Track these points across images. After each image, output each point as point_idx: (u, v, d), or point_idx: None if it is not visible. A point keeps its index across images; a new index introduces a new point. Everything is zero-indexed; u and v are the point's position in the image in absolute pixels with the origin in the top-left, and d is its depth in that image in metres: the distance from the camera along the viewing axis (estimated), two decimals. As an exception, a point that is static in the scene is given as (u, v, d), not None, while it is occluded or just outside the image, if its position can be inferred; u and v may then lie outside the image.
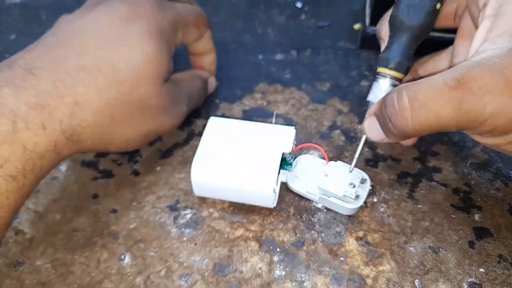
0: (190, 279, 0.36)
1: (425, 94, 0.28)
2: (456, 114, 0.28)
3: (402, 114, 0.29)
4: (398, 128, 0.30)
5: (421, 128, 0.30)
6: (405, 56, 0.35)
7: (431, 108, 0.28)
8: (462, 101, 0.27)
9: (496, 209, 0.39)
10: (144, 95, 0.37)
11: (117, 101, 0.36)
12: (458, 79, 0.27)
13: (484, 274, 0.35)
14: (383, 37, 0.39)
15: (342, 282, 0.35)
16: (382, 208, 0.40)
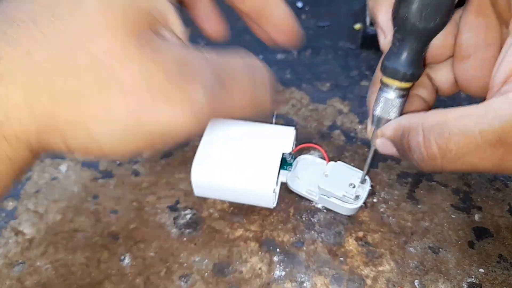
0: (190, 280, 0.36)
1: (459, 146, 0.25)
2: (495, 169, 0.25)
3: (432, 162, 0.26)
4: (427, 169, 0.28)
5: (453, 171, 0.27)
6: (417, 64, 0.29)
7: (466, 161, 0.25)
8: (504, 161, 0.24)
9: (496, 209, 0.39)
10: (100, 54, 0.23)
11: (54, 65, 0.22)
12: (499, 136, 0.23)
13: (484, 274, 0.35)
14: (384, 28, 0.32)
15: (342, 283, 0.35)
16: (382, 208, 0.40)
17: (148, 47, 0.23)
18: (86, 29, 0.22)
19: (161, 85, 0.23)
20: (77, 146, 0.24)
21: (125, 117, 0.23)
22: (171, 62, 0.24)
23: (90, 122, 0.23)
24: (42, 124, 0.23)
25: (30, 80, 0.22)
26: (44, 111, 0.22)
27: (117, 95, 0.23)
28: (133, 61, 0.23)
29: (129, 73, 0.23)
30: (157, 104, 0.23)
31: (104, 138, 0.24)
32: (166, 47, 0.24)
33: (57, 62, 0.22)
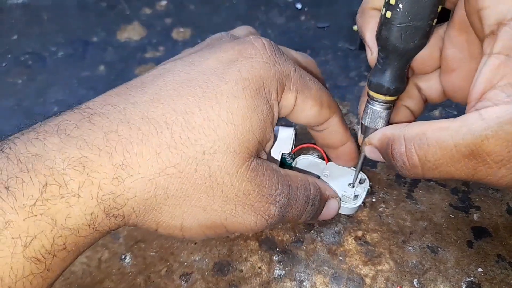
0: (190, 279, 0.36)
1: (436, 157, 0.27)
2: (470, 178, 0.27)
3: (413, 170, 0.28)
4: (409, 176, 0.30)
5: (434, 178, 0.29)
6: (400, 80, 0.32)
7: (443, 170, 0.27)
8: (477, 171, 0.26)
9: (494, 209, 0.39)
10: (216, 169, 0.27)
11: (178, 170, 0.27)
12: (471, 149, 0.25)
13: (482, 273, 0.35)
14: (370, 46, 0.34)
15: (341, 282, 0.35)
16: (381, 208, 0.40)
17: (252, 171, 0.29)
18: (211, 145, 0.27)
19: (253, 201, 0.29)
20: (165, 231, 0.29)
21: (217, 217, 0.29)
22: (264, 184, 0.30)
23: (186, 217, 0.28)
24: (147, 212, 0.27)
25: (153, 178, 0.26)
26: (155, 203, 0.27)
27: (219, 201, 0.28)
28: (239, 180, 0.28)
29: (234, 188, 0.28)
30: (244, 213, 0.30)
31: (190, 230, 0.29)
32: (263, 171, 0.30)
33: (181, 169, 0.27)
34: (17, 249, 0.23)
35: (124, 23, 0.60)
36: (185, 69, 0.29)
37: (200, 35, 0.58)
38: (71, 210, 0.24)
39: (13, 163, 0.24)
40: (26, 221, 0.23)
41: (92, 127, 0.26)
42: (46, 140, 0.25)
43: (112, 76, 0.54)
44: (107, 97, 0.28)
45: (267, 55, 0.30)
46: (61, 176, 0.24)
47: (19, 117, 0.50)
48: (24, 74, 0.55)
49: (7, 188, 0.23)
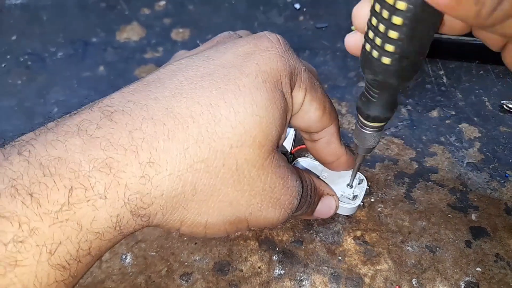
0: (191, 278, 0.36)
1: None
2: None
3: None
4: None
5: None
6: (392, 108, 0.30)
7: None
8: None
9: (492, 208, 0.40)
10: (243, 162, 0.27)
11: (206, 164, 0.26)
12: None
13: (481, 273, 0.36)
14: None
15: (341, 281, 0.36)
16: (379, 208, 0.40)
17: (275, 163, 0.29)
18: (238, 138, 0.27)
19: (279, 194, 0.29)
20: (188, 229, 0.28)
21: (242, 212, 0.29)
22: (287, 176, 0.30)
23: (212, 213, 0.28)
24: (174, 210, 0.27)
25: (181, 174, 0.26)
26: (183, 200, 0.26)
27: (246, 195, 0.28)
28: (265, 173, 0.28)
29: (261, 181, 0.28)
30: (269, 207, 0.29)
31: (214, 226, 0.29)
32: (284, 163, 0.30)
33: (209, 163, 0.26)
34: (42, 257, 0.22)
35: (124, 24, 0.60)
36: (203, 64, 0.29)
37: (200, 36, 0.59)
38: (97, 213, 0.24)
39: (35, 167, 0.23)
40: (51, 228, 0.23)
41: (114, 126, 0.25)
42: (67, 142, 0.24)
43: (112, 77, 0.54)
44: (126, 94, 0.27)
45: (282, 49, 0.30)
46: (86, 179, 0.23)
47: (20, 117, 0.50)
48: (24, 74, 0.55)
49: (31, 195, 0.22)
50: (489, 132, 0.46)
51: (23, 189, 0.23)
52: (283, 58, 0.29)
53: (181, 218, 0.27)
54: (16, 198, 0.22)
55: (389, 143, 0.45)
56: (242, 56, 0.29)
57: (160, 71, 0.29)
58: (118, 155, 0.24)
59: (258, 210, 0.29)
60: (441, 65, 0.52)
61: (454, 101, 0.49)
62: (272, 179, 0.29)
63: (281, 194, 0.29)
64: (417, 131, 0.46)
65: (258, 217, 0.29)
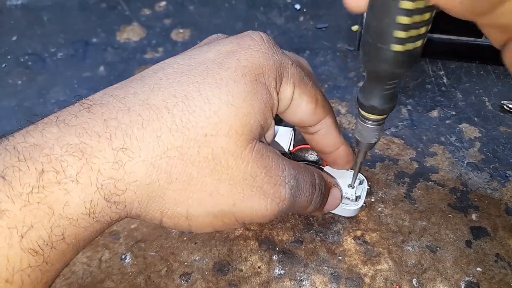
0: (191, 278, 0.36)
1: None
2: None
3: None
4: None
5: None
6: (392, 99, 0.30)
7: None
8: None
9: (493, 208, 0.40)
10: (219, 150, 0.27)
11: (180, 152, 0.26)
12: None
13: (481, 273, 0.36)
14: None
15: (341, 281, 0.36)
16: (379, 208, 0.40)
17: (257, 152, 0.28)
18: (213, 127, 0.27)
19: (261, 182, 0.29)
20: (170, 220, 0.28)
21: (224, 202, 0.28)
22: (270, 165, 0.29)
23: (191, 203, 0.28)
24: (151, 199, 0.27)
25: (155, 161, 0.26)
26: (158, 189, 0.26)
27: (226, 184, 0.28)
28: (245, 162, 0.28)
29: (239, 170, 0.28)
30: (254, 197, 0.28)
31: (197, 219, 0.28)
32: (268, 153, 0.29)
33: (183, 151, 0.26)
34: (13, 240, 0.22)
35: (124, 24, 0.60)
36: (185, 62, 0.29)
37: (200, 36, 0.59)
38: (69, 198, 0.24)
39: (11, 153, 0.24)
40: (23, 210, 0.23)
41: (91, 116, 0.25)
42: (44, 130, 0.25)
43: (112, 77, 0.54)
44: (108, 90, 0.28)
45: (266, 46, 0.30)
46: (58, 163, 0.24)
47: (20, 117, 0.50)
48: (24, 74, 0.55)
49: (3, 177, 0.23)
50: (490, 132, 0.46)
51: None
52: (266, 54, 0.30)
53: (160, 209, 0.27)
54: None
55: (390, 143, 0.45)
56: (224, 54, 0.29)
57: (144, 71, 0.30)
58: (92, 141, 0.25)
59: (241, 201, 0.28)
60: (442, 66, 0.52)
61: (455, 101, 0.49)
62: (253, 168, 0.28)
63: (263, 182, 0.29)
64: (417, 131, 0.46)
65: (244, 209, 0.29)
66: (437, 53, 0.52)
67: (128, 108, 0.26)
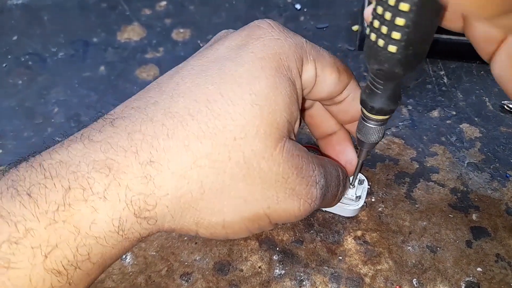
0: (191, 278, 0.36)
1: None
2: None
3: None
4: None
5: None
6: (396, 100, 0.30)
7: None
8: None
9: (493, 209, 0.40)
10: (250, 153, 0.26)
11: (210, 160, 0.25)
12: None
13: (481, 273, 0.36)
14: None
15: (341, 281, 0.36)
16: (380, 208, 0.40)
17: (287, 152, 0.27)
18: (241, 130, 0.26)
19: (293, 184, 0.28)
20: (206, 231, 0.27)
21: (259, 207, 0.27)
22: (301, 165, 0.28)
23: (227, 211, 0.27)
24: (184, 212, 0.26)
25: (185, 172, 0.25)
26: (191, 200, 0.26)
27: (259, 188, 0.27)
28: (276, 164, 0.27)
29: (272, 172, 0.27)
30: (287, 198, 0.28)
31: (233, 226, 0.28)
32: (298, 152, 0.28)
33: (213, 158, 0.25)
34: (37, 260, 0.22)
35: (124, 24, 0.60)
36: (197, 62, 0.28)
37: (200, 36, 0.59)
38: (97, 216, 0.23)
39: (37, 170, 0.23)
40: (48, 229, 0.22)
41: (115, 130, 0.25)
42: (70, 147, 0.24)
43: (113, 77, 0.54)
44: (128, 103, 0.27)
45: (276, 31, 0.29)
46: (85, 180, 0.23)
47: (20, 117, 0.50)
48: (25, 74, 0.55)
49: (29, 195, 0.22)
50: (490, 132, 0.46)
51: (23, 190, 0.23)
52: (279, 40, 0.29)
53: (195, 220, 0.26)
54: (15, 198, 0.22)
55: (390, 143, 0.45)
56: (235, 48, 0.28)
57: (160, 78, 0.29)
58: (118, 156, 0.24)
59: (276, 203, 0.28)
60: (442, 65, 0.52)
61: (455, 101, 0.49)
62: (284, 169, 0.27)
63: (296, 184, 0.28)
64: (417, 131, 0.46)
65: (278, 211, 0.28)
66: (437, 53, 0.52)
67: (151, 119, 0.25)
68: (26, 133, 0.48)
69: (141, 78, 0.53)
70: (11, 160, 0.45)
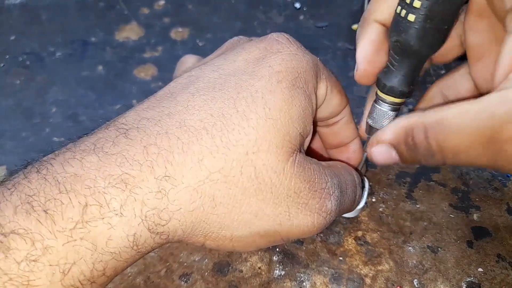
0: (190, 279, 0.36)
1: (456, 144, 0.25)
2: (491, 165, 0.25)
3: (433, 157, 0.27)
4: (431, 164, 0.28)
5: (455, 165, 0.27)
6: (412, 82, 0.30)
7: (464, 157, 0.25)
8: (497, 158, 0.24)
9: (494, 208, 0.39)
10: (262, 168, 0.26)
11: (223, 174, 0.25)
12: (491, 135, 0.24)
13: (482, 273, 0.35)
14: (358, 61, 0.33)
15: (341, 282, 0.35)
16: (380, 208, 0.40)
17: (298, 166, 0.27)
18: (253, 144, 0.26)
19: (306, 198, 0.27)
20: (214, 243, 0.27)
21: (270, 223, 0.27)
22: (313, 178, 0.28)
23: (237, 225, 0.27)
24: (195, 225, 0.26)
25: (198, 187, 0.25)
26: (202, 214, 0.26)
27: (270, 203, 0.27)
28: (288, 178, 0.27)
29: (283, 187, 0.27)
30: (299, 214, 0.28)
31: (241, 240, 0.28)
32: (309, 165, 0.28)
33: (225, 173, 0.25)
34: (55, 277, 0.22)
35: (123, 23, 0.60)
36: (213, 74, 0.28)
37: (199, 35, 0.58)
38: (113, 232, 0.23)
39: (51, 184, 0.23)
40: (65, 247, 0.22)
41: (130, 142, 0.25)
42: (84, 160, 0.24)
43: (111, 76, 0.54)
44: (140, 111, 0.27)
45: (294, 47, 0.29)
46: (102, 196, 0.23)
47: (18, 117, 0.50)
48: (23, 74, 0.54)
49: (46, 211, 0.22)
50: (491, 131, 0.45)
51: (39, 205, 0.22)
52: (297, 56, 0.29)
53: (203, 233, 0.26)
54: (31, 215, 0.22)
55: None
56: (253, 61, 0.28)
57: (171, 86, 0.29)
58: (133, 171, 0.24)
59: (287, 220, 0.27)
60: (443, 65, 0.52)
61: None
62: (296, 183, 0.27)
63: (308, 198, 0.28)
64: (418, 130, 0.46)
65: (290, 227, 0.28)
66: (437, 52, 0.52)
67: (166, 132, 0.25)
68: (24, 133, 0.48)
69: (140, 78, 0.53)
70: (10, 160, 0.45)
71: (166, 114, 0.26)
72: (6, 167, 0.45)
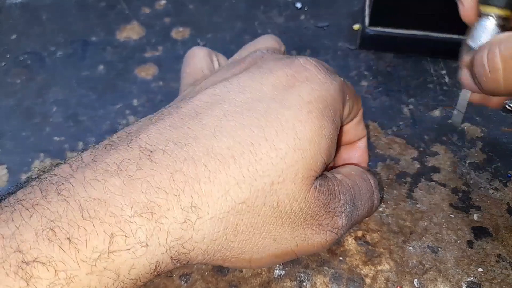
0: (190, 279, 0.36)
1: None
2: None
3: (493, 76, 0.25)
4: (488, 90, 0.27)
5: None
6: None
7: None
8: None
9: (495, 209, 0.39)
10: (284, 197, 0.26)
11: (247, 205, 0.25)
12: None
13: (483, 273, 0.35)
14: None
15: (341, 282, 0.35)
16: (381, 208, 0.40)
17: (317, 191, 0.28)
18: (279, 174, 0.26)
19: (321, 220, 0.28)
20: (232, 264, 0.28)
21: (287, 245, 0.28)
22: (328, 200, 0.28)
23: (256, 250, 0.27)
24: (216, 252, 0.26)
25: (223, 217, 0.25)
26: (224, 242, 0.26)
27: (289, 229, 0.27)
28: (307, 205, 0.27)
29: (302, 213, 0.27)
30: (314, 234, 0.28)
31: (259, 261, 0.28)
32: (326, 187, 0.29)
33: (250, 203, 0.25)
34: None
35: (123, 23, 0.60)
36: (240, 96, 0.28)
37: (200, 35, 0.58)
38: (137, 261, 0.23)
39: (74, 209, 0.22)
40: (88, 276, 0.22)
41: (155, 167, 0.24)
42: (106, 183, 0.23)
43: (112, 76, 0.54)
44: (163, 130, 0.26)
45: (322, 74, 0.29)
46: (127, 225, 0.23)
47: (19, 117, 0.50)
48: (23, 74, 0.54)
49: (69, 239, 0.22)
50: (491, 132, 0.45)
51: (61, 232, 0.22)
52: (326, 84, 0.29)
53: (223, 258, 0.27)
54: (53, 242, 0.21)
55: (391, 143, 0.45)
56: (282, 89, 0.28)
57: (196, 104, 0.28)
58: (160, 199, 0.23)
59: (303, 240, 0.28)
60: (443, 65, 0.52)
61: (456, 100, 0.48)
62: (314, 208, 0.28)
63: (323, 219, 0.28)
64: (419, 130, 0.46)
65: (305, 247, 0.29)
66: (439, 52, 0.52)
67: (192, 158, 0.25)
68: (24, 133, 0.48)
69: (140, 77, 0.53)
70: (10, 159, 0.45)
71: (192, 137, 0.26)
72: (6, 167, 0.45)
